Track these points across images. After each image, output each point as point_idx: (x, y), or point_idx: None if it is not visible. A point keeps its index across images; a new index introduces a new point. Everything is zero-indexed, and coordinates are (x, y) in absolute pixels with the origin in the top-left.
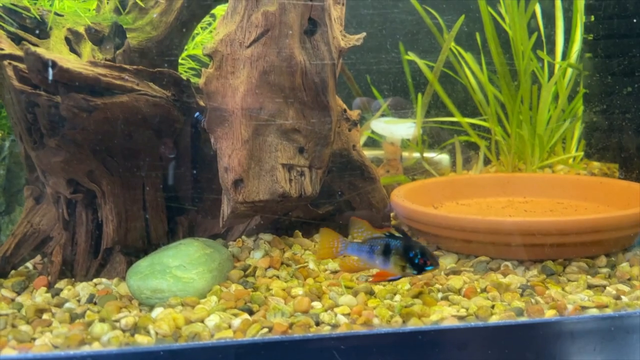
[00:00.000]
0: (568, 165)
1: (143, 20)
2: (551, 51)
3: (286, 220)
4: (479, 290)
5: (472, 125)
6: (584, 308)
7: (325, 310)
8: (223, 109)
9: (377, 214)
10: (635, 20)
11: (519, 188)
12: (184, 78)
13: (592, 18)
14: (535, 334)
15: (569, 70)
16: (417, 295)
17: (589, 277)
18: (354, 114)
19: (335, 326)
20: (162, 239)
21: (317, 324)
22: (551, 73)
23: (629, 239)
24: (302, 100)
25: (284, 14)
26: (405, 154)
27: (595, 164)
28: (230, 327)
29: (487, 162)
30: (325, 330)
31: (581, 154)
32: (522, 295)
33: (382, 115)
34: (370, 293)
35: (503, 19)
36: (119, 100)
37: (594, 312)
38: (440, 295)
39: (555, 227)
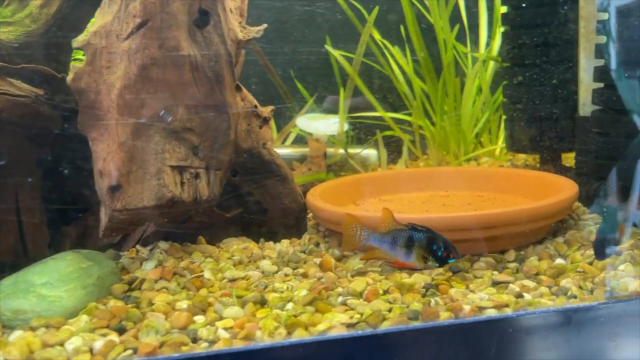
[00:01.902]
0: (494, 157)
1: (22, 12)
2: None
3: (190, 225)
4: (381, 292)
5: (402, 119)
6: (481, 309)
7: (206, 325)
8: (97, 108)
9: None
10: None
11: (442, 182)
12: (59, 75)
13: (505, 9)
14: (426, 339)
15: (491, 62)
16: (311, 302)
17: (495, 273)
18: (266, 110)
19: (213, 342)
20: (43, 252)
21: (194, 340)
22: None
23: (538, 232)
24: (193, 96)
25: (166, 3)
26: (331, 150)
27: (522, 155)
28: (91, 350)
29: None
30: (201, 347)
31: (503, 145)
32: (424, 295)
33: (310, 111)
34: (262, 303)
35: (429, 10)
36: None
37: (491, 312)
38: (340, 299)
39: (456, 223)
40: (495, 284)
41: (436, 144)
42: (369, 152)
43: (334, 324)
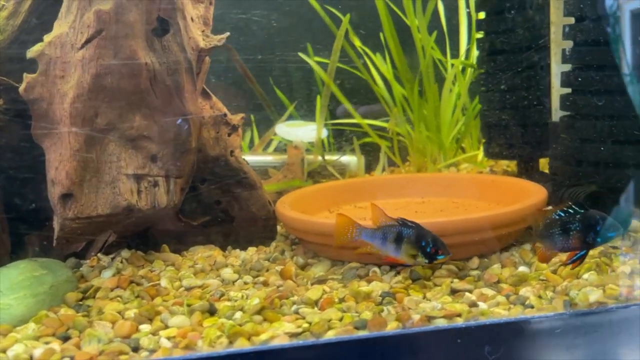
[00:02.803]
0: (476, 163)
1: None
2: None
3: (155, 233)
4: (336, 300)
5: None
6: (430, 318)
7: (150, 334)
8: (50, 117)
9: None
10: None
11: (418, 189)
12: (17, 85)
13: (482, 15)
14: (369, 349)
15: (470, 68)
16: (260, 311)
17: (456, 280)
18: (236, 118)
19: (153, 351)
20: (3, 261)
21: (135, 349)
22: (462, 71)
23: (504, 239)
24: (151, 104)
25: (121, 12)
26: (311, 157)
27: (505, 161)
28: (31, 358)
29: (403, 162)
30: (141, 357)
31: (481, 152)
32: (380, 303)
33: (290, 118)
34: (211, 312)
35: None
36: None
37: (440, 322)
38: (294, 308)
39: None
40: (453, 292)
41: (414, 150)
42: (350, 159)
43: (277, 333)
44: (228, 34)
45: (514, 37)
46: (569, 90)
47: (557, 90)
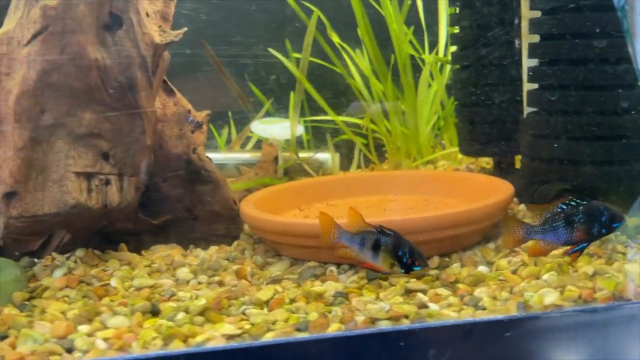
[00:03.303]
0: (455, 160)
1: None
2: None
3: (114, 232)
4: (287, 301)
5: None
6: (375, 320)
7: (86, 335)
8: None
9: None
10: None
11: (392, 186)
12: None
13: (454, 10)
14: (305, 352)
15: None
16: (203, 312)
17: (413, 280)
18: (200, 115)
19: (86, 352)
20: None
21: (69, 350)
22: (441, 67)
23: (466, 238)
24: (102, 101)
25: (68, 8)
26: (287, 155)
27: (485, 158)
28: None
29: (381, 160)
30: (74, 357)
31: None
32: (332, 304)
33: (267, 115)
34: (154, 313)
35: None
36: None
37: (385, 324)
38: (243, 308)
39: None
40: (408, 292)
41: (390, 146)
42: (328, 157)
43: (215, 335)
44: (185, 29)
45: (486, 31)
46: (535, 85)
47: (528, 85)
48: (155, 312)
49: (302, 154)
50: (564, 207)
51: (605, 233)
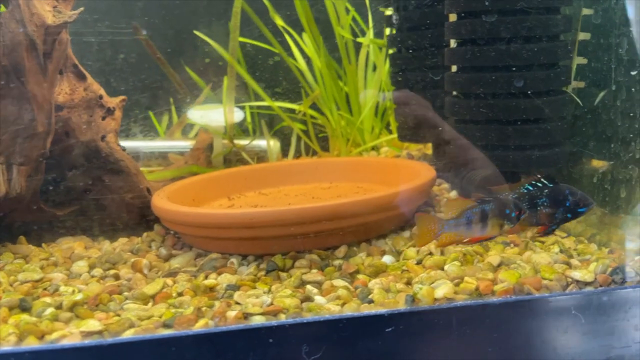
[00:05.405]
0: (397, 147)
1: None
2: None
3: (13, 224)
4: (174, 295)
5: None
6: (248, 315)
7: None
8: None
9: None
10: None
11: (328, 173)
12: None
13: None
14: (163, 351)
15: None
16: (72, 308)
17: (314, 271)
18: (113, 101)
19: None
20: None
21: None
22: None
23: (378, 226)
24: None
25: None
26: (226, 142)
27: (429, 144)
28: None
29: (325, 148)
30: None
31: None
32: (220, 298)
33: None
34: (24, 308)
35: None
36: None
37: (258, 319)
38: (125, 303)
39: (273, 218)
40: (305, 283)
41: (333, 134)
42: (273, 144)
43: (73, 332)
44: (82, 9)
45: (414, 15)
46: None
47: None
48: (25, 308)
49: (241, 141)
50: (530, 188)
51: (570, 218)
